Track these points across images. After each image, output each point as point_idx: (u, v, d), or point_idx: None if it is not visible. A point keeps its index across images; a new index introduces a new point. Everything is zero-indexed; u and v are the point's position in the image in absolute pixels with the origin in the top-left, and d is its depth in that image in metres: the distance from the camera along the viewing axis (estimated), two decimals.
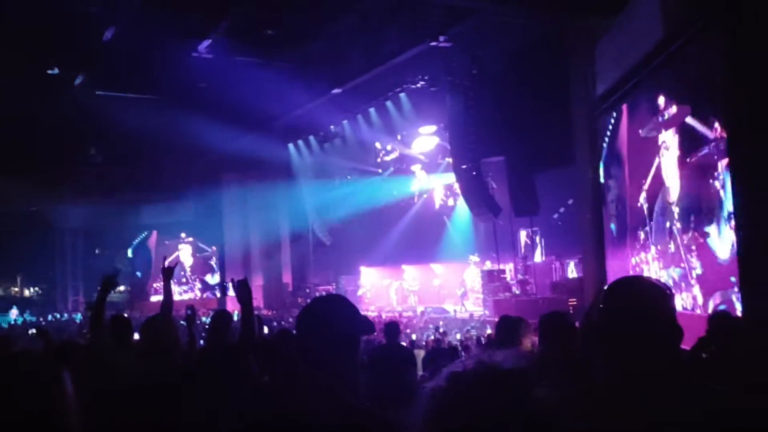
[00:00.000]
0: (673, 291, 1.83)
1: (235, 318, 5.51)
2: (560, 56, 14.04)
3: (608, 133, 12.58)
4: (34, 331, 6.44)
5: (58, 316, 25.73)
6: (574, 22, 13.26)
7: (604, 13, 11.97)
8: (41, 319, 24.13)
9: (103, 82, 16.09)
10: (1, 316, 25.39)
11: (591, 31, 12.66)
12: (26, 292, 40.55)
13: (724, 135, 8.04)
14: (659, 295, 1.76)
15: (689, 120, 9.22)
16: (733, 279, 7.91)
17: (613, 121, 12.34)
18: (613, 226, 12.57)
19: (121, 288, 32.20)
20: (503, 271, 18.73)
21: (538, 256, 19.11)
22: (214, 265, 28.50)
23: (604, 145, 12.79)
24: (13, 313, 26.80)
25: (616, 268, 12.27)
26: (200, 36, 14.00)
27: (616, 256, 12.48)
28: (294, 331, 6.02)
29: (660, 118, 10.31)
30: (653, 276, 10.41)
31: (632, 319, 1.69)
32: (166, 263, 5.32)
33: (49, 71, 15.48)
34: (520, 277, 18.12)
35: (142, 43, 14.04)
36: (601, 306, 1.77)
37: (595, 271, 12.99)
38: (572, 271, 16.88)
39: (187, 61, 15.46)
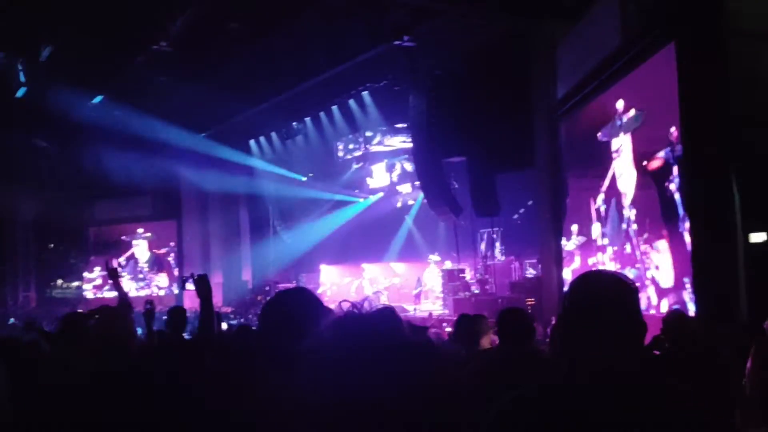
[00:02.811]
0: (637, 285, 1.81)
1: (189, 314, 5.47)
2: (522, 59, 14.22)
3: (566, 136, 12.78)
4: None
5: None
6: (536, 26, 13.43)
7: (564, 18, 12.16)
8: None
9: (56, 71, 15.67)
10: None
11: (552, 35, 12.85)
12: None
13: (680, 140, 8.23)
14: (623, 289, 1.73)
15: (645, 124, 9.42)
16: (686, 280, 8.10)
17: (571, 124, 12.54)
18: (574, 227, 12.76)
19: (76, 284, 31.55)
20: (463, 271, 18.85)
21: (498, 256, 19.29)
22: (172, 261, 28.09)
23: (562, 147, 12.98)
24: None
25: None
26: (162, 28, 13.78)
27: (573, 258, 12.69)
28: (254, 327, 5.98)
29: (618, 122, 10.51)
30: None
31: (595, 314, 1.66)
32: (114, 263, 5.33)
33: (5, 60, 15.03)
34: (479, 276, 18.26)
35: (98, 30, 13.76)
36: (564, 301, 1.74)
37: (553, 271, 13.18)
38: (531, 272, 17.08)
39: (147, 53, 15.20)
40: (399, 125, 21.89)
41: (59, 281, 36.07)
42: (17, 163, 25.49)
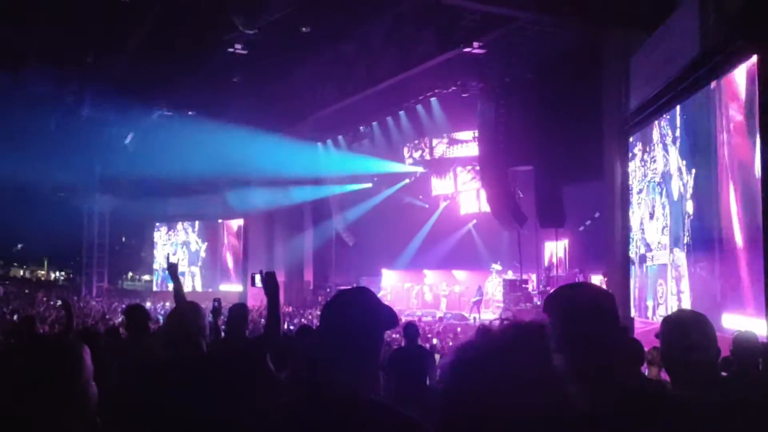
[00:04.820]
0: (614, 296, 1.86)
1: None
2: (594, 68, 13.96)
3: (638, 149, 12.47)
4: (60, 302, 6.70)
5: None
6: (609, 35, 13.18)
7: (639, 26, 11.88)
8: None
9: (141, 68, 16.25)
10: None
11: (626, 44, 12.57)
12: (52, 276, 41.21)
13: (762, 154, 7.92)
14: (599, 299, 1.79)
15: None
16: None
17: (644, 135, 12.23)
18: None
19: (147, 277, 32.61)
20: (526, 281, 18.61)
21: (563, 269, 18.98)
22: (239, 260, 28.66)
23: (636, 159, 12.66)
24: None
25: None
26: (237, 31, 14.12)
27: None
28: (314, 327, 6.07)
29: None
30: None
31: (570, 325, 1.71)
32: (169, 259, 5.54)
33: (88, 59, 15.71)
34: (542, 287, 18.00)
35: (179, 33, 14.21)
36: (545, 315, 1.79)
37: (620, 285, 12.87)
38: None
39: (222, 56, 15.61)
40: (466, 132, 21.83)
41: (130, 274, 37.43)
42: (100, 158, 26.55)
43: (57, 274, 41.80)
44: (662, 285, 11.24)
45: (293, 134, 21.95)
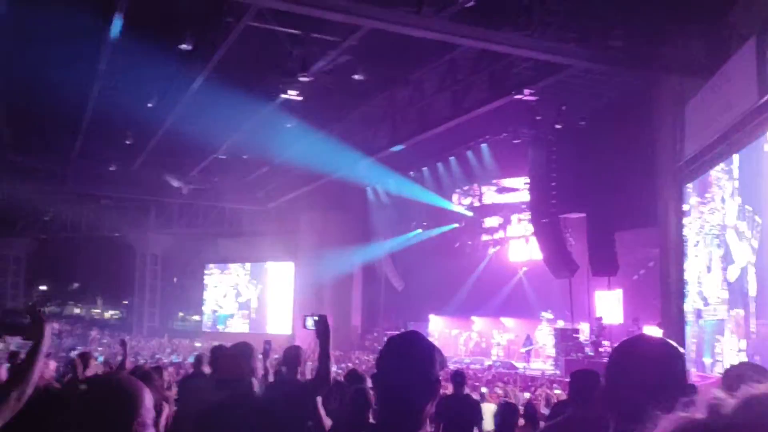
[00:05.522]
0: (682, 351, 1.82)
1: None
2: (648, 114, 13.81)
3: (695, 199, 12.19)
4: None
5: None
6: (664, 81, 13.04)
7: (695, 73, 11.74)
8: None
9: (194, 113, 16.65)
10: None
11: (681, 90, 12.40)
12: (105, 315, 42.12)
13: None
14: (668, 352, 1.75)
15: None
16: None
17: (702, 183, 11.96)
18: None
19: (196, 317, 33.03)
20: (577, 331, 18.18)
21: (615, 318, 18.50)
22: (288, 303, 28.82)
23: (692, 209, 12.38)
24: None
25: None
26: (289, 79, 14.44)
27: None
28: (362, 372, 6.03)
29: None
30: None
31: (638, 375, 1.67)
32: None
33: (149, 104, 16.20)
34: (594, 338, 17.55)
35: (235, 79, 14.60)
36: (608, 368, 1.76)
37: (675, 340, 12.45)
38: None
39: (276, 103, 15.95)
40: (516, 179, 21.74)
41: (180, 314, 37.99)
42: (154, 200, 27.29)
43: (110, 312, 42.69)
44: (720, 341, 10.83)
45: (343, 178, 22.14)
